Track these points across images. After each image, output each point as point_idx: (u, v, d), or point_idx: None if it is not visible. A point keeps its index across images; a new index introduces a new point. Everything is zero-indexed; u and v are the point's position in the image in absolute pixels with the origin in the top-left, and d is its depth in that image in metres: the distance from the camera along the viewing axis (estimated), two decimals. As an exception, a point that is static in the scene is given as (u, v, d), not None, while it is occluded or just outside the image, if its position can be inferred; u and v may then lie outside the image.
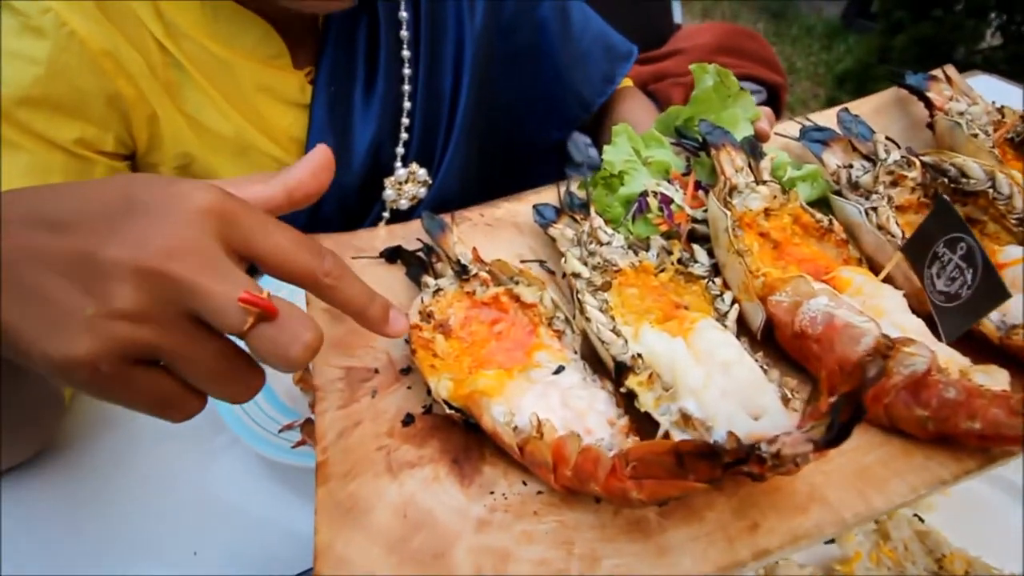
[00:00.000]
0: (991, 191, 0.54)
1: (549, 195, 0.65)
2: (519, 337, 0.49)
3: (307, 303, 0.56)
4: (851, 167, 0.61)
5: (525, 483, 0.43)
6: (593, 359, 0.48)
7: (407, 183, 0.86)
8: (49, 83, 0.65)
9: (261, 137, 0.77)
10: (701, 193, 0.60)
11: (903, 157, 0.59)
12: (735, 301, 0.49)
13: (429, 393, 0.47)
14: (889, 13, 2.49)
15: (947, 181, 0.56)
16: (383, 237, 0.62)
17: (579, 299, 0.49)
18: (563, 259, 0.53)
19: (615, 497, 0.37)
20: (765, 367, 0.44)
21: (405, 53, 0.81)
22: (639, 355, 0.44)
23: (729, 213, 0.52)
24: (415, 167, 0.86)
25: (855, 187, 0.59)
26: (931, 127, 0.68)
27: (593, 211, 0.57)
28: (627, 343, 0.46)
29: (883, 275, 0.51)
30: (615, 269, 0.52)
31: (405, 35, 0.81)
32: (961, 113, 0.64)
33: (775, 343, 0.50)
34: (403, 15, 0.80)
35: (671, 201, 0.59)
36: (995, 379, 0.42)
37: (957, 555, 0.57)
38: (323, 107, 0.78)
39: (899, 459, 0.42)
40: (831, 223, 0.56)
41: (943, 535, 0.60)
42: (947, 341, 0.46)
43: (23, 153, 0.65)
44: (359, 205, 0.85)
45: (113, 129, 0.71)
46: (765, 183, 0.56)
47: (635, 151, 0.63)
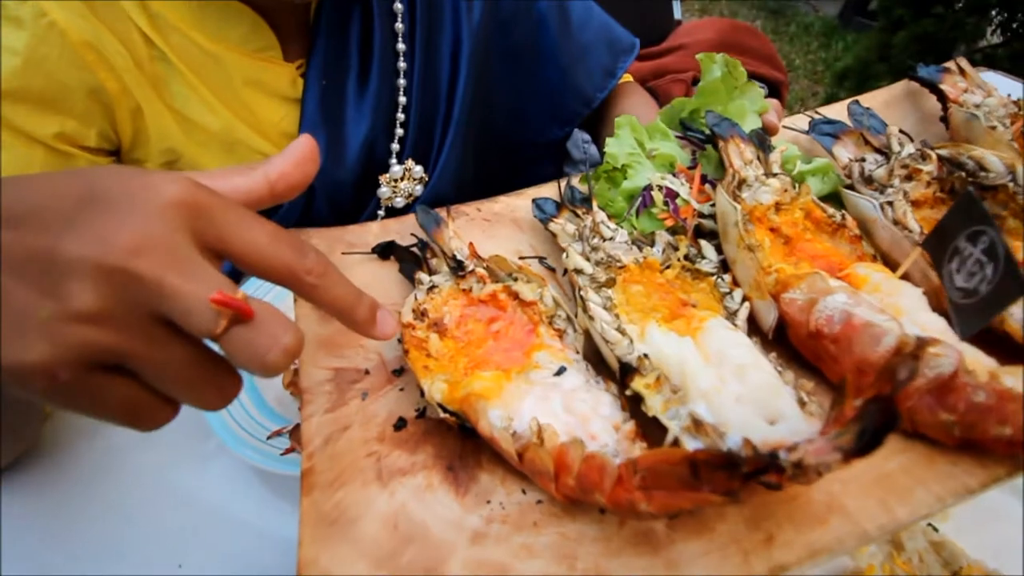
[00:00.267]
0: (1011, 185, 0.52)
1: (549, 191, 0.63)
2: (518, 336, 0.47)
3: (295, 302, 0.53)
4: (864, 161, 0.58)
5: (524, 491, 0.41)
6: (596, 360, 0.45)
7: (403, 180, 0.84)
8: (27, 75, 0.63)
9: (250, 132, 0.74)
10: (708, 187, 0.58)
11: (918, 150, 0.57)
12: (745, 299, 0.47)
13: (423, 395, 0.44)
14: (889, 10, 2.46)
15: (964, 175, 0.54)
16: (376, 232, 0.60)
17: (581, 296, 0.47)
18: (564, 254, 0.51)
19: (622, 509, 0.35)
20: (779, 369, 0.41)
21: (400, 46, 0.79)
22: (645, 356, 0.42)
23: (739, 207, 0.49)
24: (411, 164, 0.83)
25: (868, 181, 0.57)
26: (944, 120, 0.66)
27: (595, 205, 0.54)
28: (633, 343, 0.43)
29: (901, 272, 0.48)
30: (619, 265, 0.49)
31: (400, 28, 0.79)
32: (977, 105, 0.62)
33: (787, 343, 0.47)
34: (398, 6, 0.78)
35: (676, 195, 0.56)
36: (1024, 381, 0.39)
37: (975, 567, 0.55)
38: (315, 101, 0.75)
39: (922, 466, 0.40)
40: (844, 218, 0.53)
41: (959, 546, 0.57)
42: (963, 339, 0.43)
43: (0, 148, 0.62)
44: (353, 203, 0.82)
45: (96, 124, 0.68)
46: (776, 176, 0.54)
47: (639, 143, 0.61)
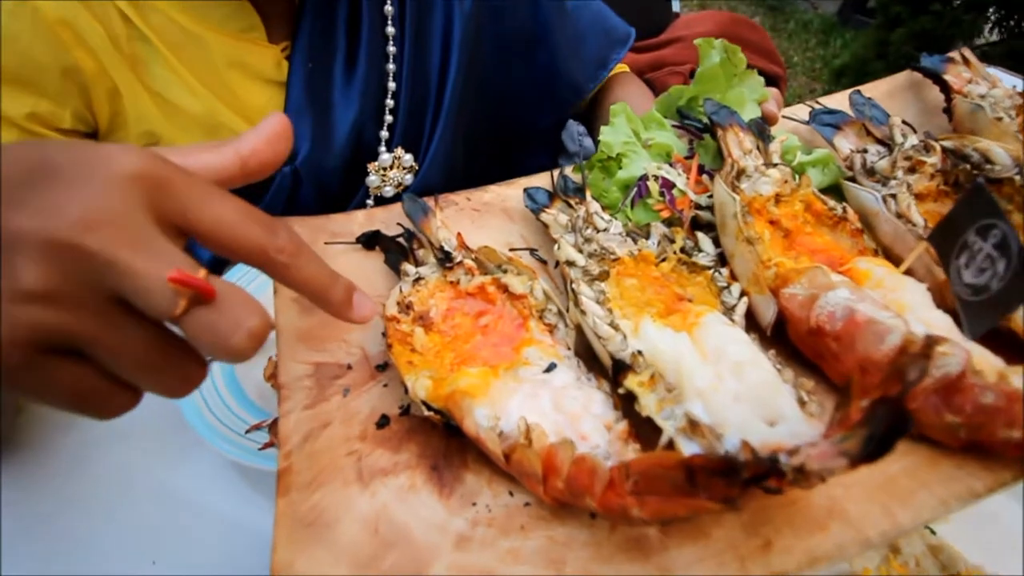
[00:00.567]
0: (1018, 178, 0.50)
1: (541, 181, 0.61)
2: (507, 331, 0.45)
3: (274, 293, 0.51)
4: (865, 152, 0.56)
5: (511, 493, 0.39)
6: (588, 356, 0.44)
7: (392, 169, 0.81)
8: None
9: (233, 116, 0.71)
10: (705, 178, 0.56)
11: (921, 141, 0.55)
12: (744, 293, 0.45)
13: (406, 392, 0.42)
14: (887, 7, 2.45)
15: (969, 167, 0.52)
16: (361, 221, 0.57)
17: (573, 290, 0.45)
18: (556, 246, 0.49)
19: (613, 514, 0.33)
20: (778, 367, 0.39)
21: (390, 29, 0.77)
22: (639, 352, 0.40)
23: (738, 198, 0.48)
24: (400, 152, 0.81)
25: (870, 173, 0.55)
26: (948, 112, 0.64)
27: (589, 195, 0.52)
28: (626, 339, 0.41)
29: (904, 267, 0.46)
30: (612, 258, 0.47)
31: (389, 10, 0.76)
32: (983, 96, 0.60)
33: (786, 340, 0.45)
34: None
35: (673, 186, 0.54)
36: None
37: (973, 571, 0.54)
38: (300, 85, 0.73)
39: (925, 469, 0.38)
40: (845, 211, 0.51)
41: (957, 549, 0.56)
42: (972, 338, 0.42)
43: (-31, 128, 0.60)
44: (340, 191, 0.80)
45: (70, 104, 0.66)
46: (776, 166, 0.52)
47: (634, 133, 0.59)
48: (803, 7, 3.80)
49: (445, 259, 0.49)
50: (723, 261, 0.49)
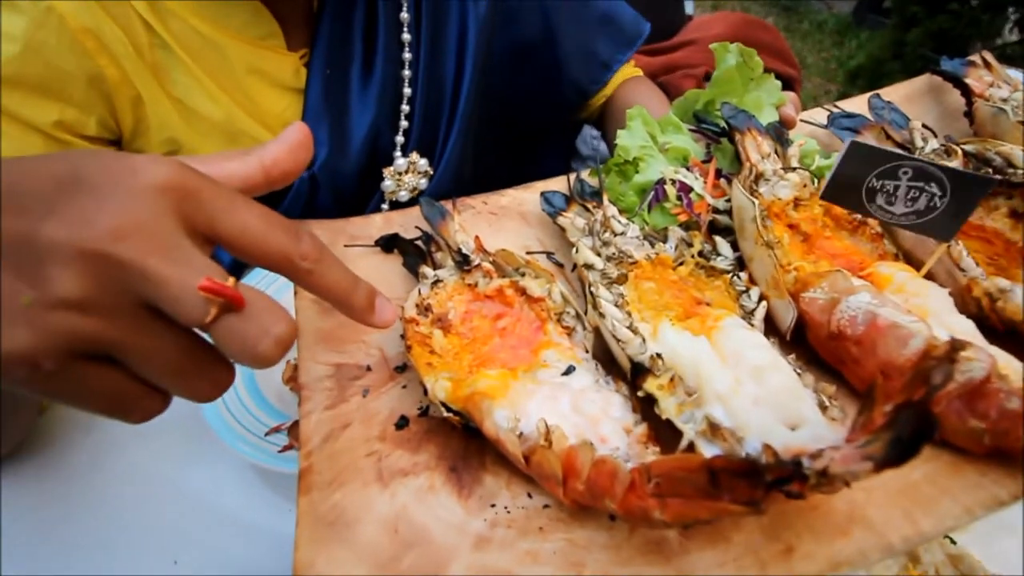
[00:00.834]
0: (1041, 181, 0.50)
1: (558, 185, 0.61)
2: (525, 334, 0.45)
3: (295, 295, 0.52)
4: (885, 155, 0.56)
5: (530, 495, 0.39)
6: (607, 359, 0.44)
7: (407, 173, 0.82)
8: (26, 61, 0.61)
9: (252, 122, 0.72)
10: (722, 182, 0.56)
11: (942, 145, 0.55)
12: (763, 298, 0.45)
13: (425, 393, 0.42)
14: (903, 7, 2.43)
15: (991, 171, 0.52)
16: (379, 224, 0.58)
17: (592, 293, 0.45)
18: (574, 249, 0.49)
19: (634, 516, 0.33)
20: (799, 371, 0.39)
21: (405, 36, 0.77)
22: (658, 355, 0.40)
23: (757, 202, 0.47)
24: (415, 157, 0.82)
25: (890, 176, 0.54)
26: (968, 116, 0.64)
27: (606, 199, 0.52)
28: (645, 342, 0.41)
29: (925, 270, 0.46)
30: (630, 261, 0.47)
31: (405, 17, 0.77)
32: (1004, 99, 0.60)
33: (805, 345, 0.45)
34: None
35: (690, 190, 0.54)
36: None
37: (995, 580, 0.53)
38: (318, 91, 0.74)
39: (948, 476, 0.38)
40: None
41: (977, 559, 0.55)
42: (945, 242, 0.44)
43: (-1, 136, 0.61)
44: (357, 196, 0.81)
45: (95, 112, 0.67)
46: (794, 170, 0.52)
47: (651, 136, 0.59)
48: (817, 7, 3.77)
49: (463, 262, 0.49)
50: (741, 265, 0.48)
